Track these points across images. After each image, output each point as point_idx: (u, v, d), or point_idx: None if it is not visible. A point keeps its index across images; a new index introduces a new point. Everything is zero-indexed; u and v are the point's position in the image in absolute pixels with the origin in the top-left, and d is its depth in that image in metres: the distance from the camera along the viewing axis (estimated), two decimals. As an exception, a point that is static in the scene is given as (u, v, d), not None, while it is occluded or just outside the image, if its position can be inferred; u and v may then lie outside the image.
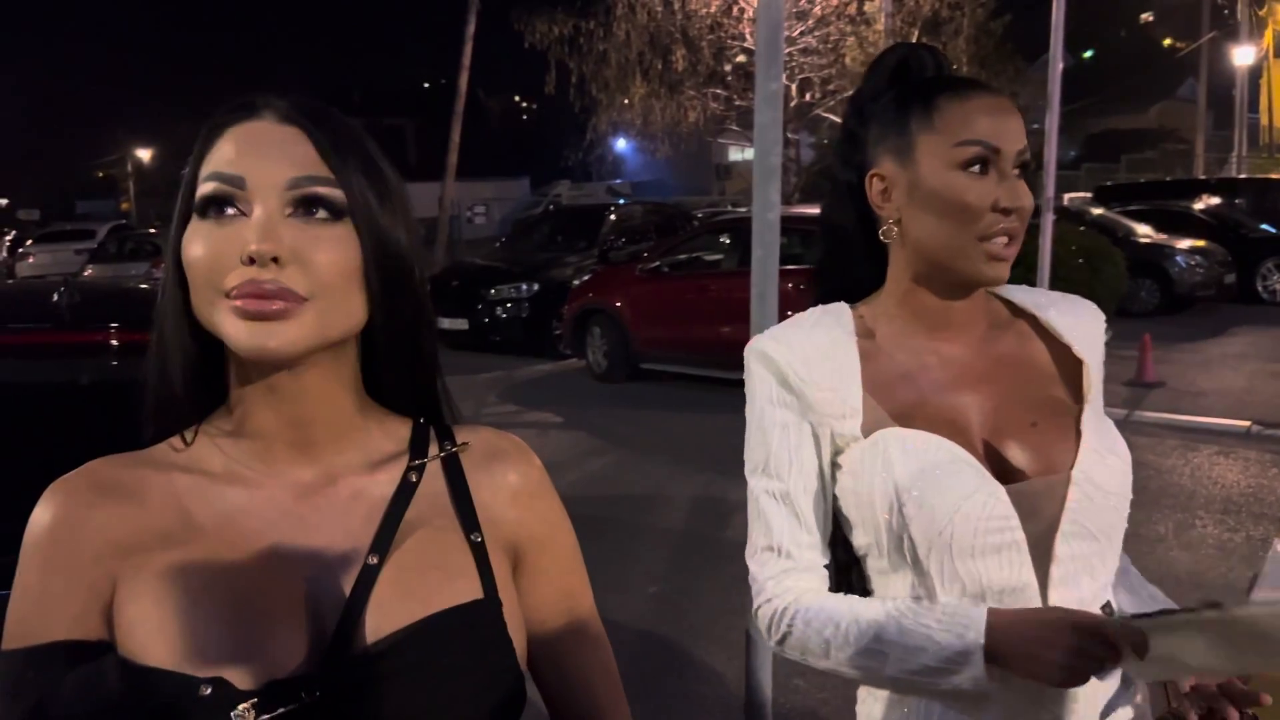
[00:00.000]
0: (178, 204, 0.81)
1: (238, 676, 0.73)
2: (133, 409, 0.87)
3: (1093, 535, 1.11)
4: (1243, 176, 20.93)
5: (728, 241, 9.37)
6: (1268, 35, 28.04)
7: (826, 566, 1.17)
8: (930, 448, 1.09)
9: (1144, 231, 13.19)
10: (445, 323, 10.76)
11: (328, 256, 0.78)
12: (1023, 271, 1.38)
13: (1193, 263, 12.44)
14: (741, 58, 16.34)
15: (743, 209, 14.84)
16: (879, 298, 1.22)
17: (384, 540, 0.81)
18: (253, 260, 0.75)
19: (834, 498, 1.17)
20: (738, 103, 16.88)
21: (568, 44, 17.58)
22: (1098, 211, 13.83)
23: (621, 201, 17.86)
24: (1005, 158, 1.11)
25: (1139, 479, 1.17)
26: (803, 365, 1.15)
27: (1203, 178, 20.83)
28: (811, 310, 1.22)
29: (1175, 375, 8.47)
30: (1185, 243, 12.75)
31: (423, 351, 0.88)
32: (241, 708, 0.72)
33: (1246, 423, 6.84)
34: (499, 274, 11.70)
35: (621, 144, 26.09)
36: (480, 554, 0.85)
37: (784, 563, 1.15)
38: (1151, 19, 44.13)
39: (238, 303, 0.75)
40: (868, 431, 1.13)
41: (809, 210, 8.09)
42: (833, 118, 16.63)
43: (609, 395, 9.05)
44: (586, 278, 10.70)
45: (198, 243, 0.77)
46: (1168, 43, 40.71)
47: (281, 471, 0.84)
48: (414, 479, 0.86)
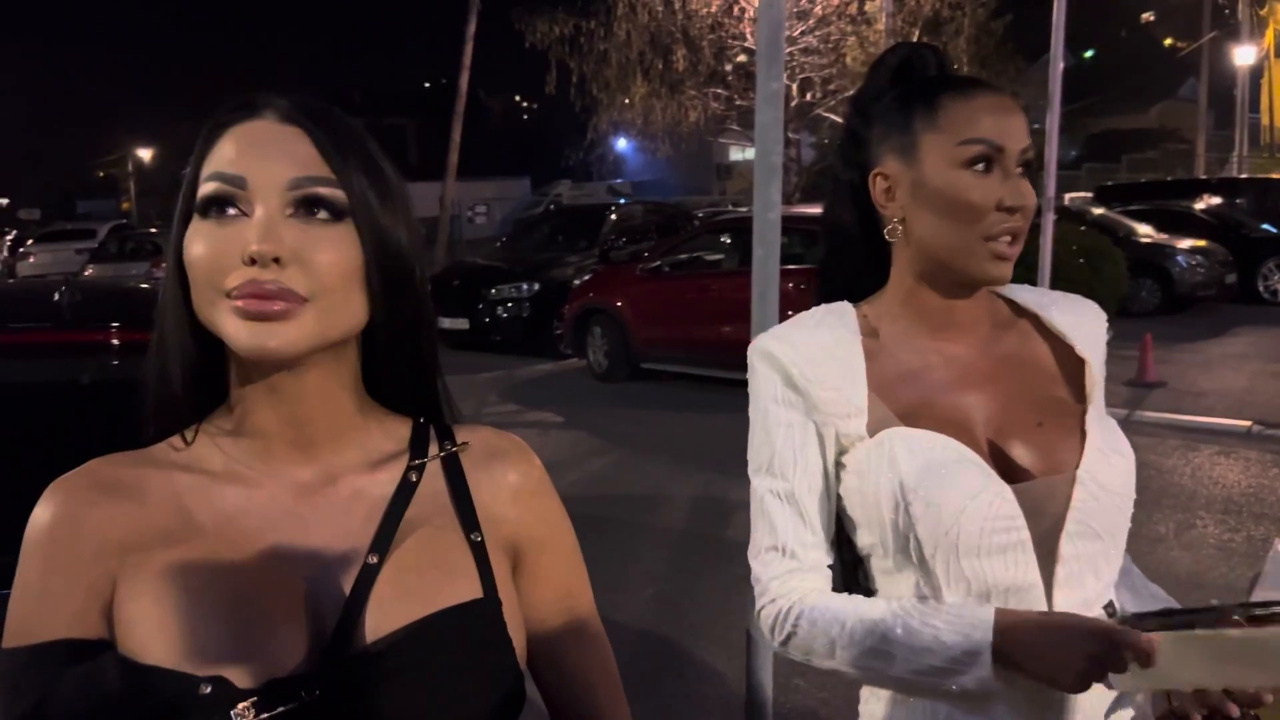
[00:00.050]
0: (178, 203, 0.81)
1: (237, 675, 0.73)
2: (133, 408, 0.87)
3: (1097, 535, 1.11)
4: (1244, 176, 20.94)
5: (728, 241, 9.37)
6: (1269, 35, 28.02)
7: (830, 567, 1.17)
8: (937, 447, 1.09)
9: (1145, 231, 13.19)
10: (446, 322, 10.77)
11: (328, 257, 0.78)
12: (1023, 271, 1.38)
13: (1194, 263, 12.43)
14: (742, 57, 16.33)
15: (743, 209, 14.84)
16: (882, 297, 1.21)
17: (384, 540, 0.81)
18: (254, 260, 0.75)
19: (838, 497, 1.16)
20: (738, 102, 16.86)
21: (568, 43, 17.57)
22: (1099, 211, 13.83)
23: (622, 201, 17.85)
24: (1009, 156, 1.11)
25: (1139, 479, 1.17)
26: (808, 364, 1.14)
27: (1204, 177, 20.82)
28: (815, 309, 1.21)
29: (1176, 375, 8.46)
30: (1186, 243, 12.74)
31: (423, 351, 0.88)
32: (241, 706, 0.72)
33: (1247, 423, 6.84)
34: (500, 274, 11.70)
35: (622, 144, 26.06)
36: (480, 553, 0.85)
37: (788, 563, 1.14)
38: (1152, 19, 44.12)
39: (239, 303, 0.75)
40: (873, 431, 1.12)
41: (810, 210, 8.09)
42: (834, 117, 16.62)
43: (609, 395, 9.05)
44: (587, 277, 10.70)
45: (199, 242, 0.78)
46: (1169, 42, 40.69)
47: (281, 471, 0.84)
48: (414, 478, 0.86)
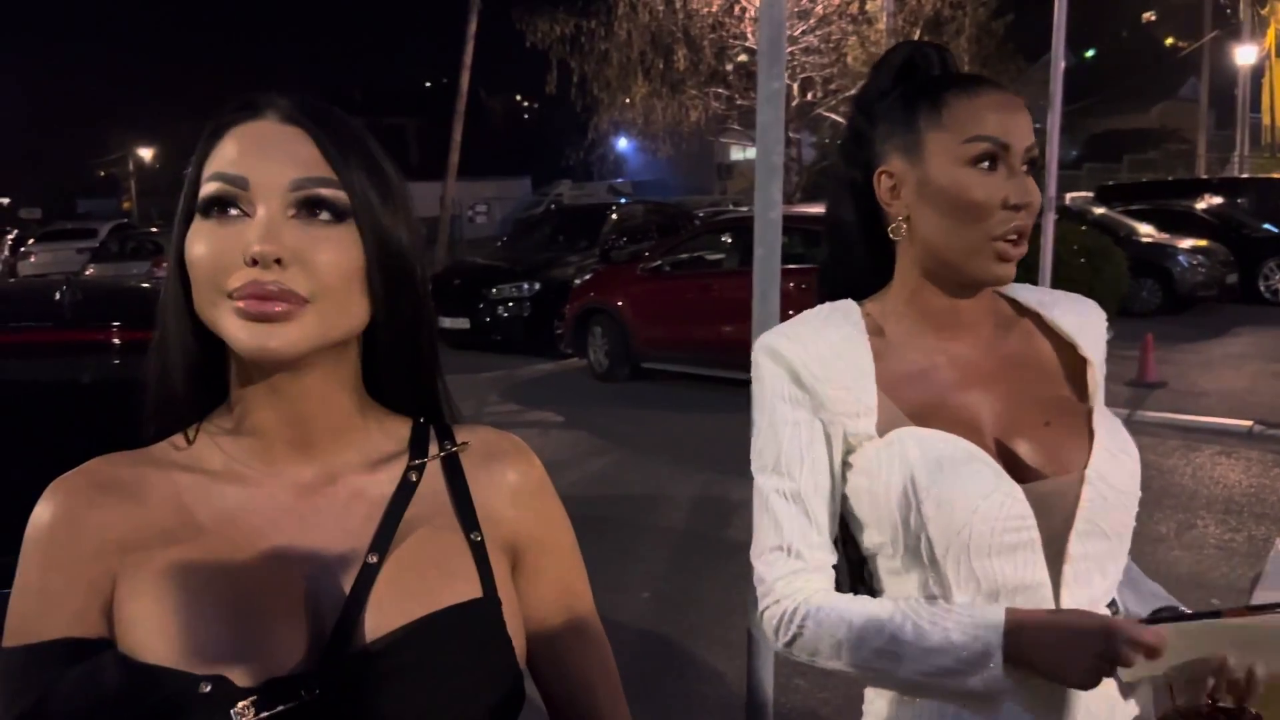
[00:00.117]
0: (180, 203, 0.81)
1: (237, 674, 0.73)
2: (134, 407, 0.87)
3: (1105, 534, 1.11)
4: (1245, 176, 20.96)
5: (729, 241, 9.38)
6: (1270, 35, 27.97)
7: (835, 566, 1.16)
8: (949, 447, 1.09)
9: (1146, 231, 13.18)
10: (447, 322, 10.77)
11: (330, 258, 0.78)
12: (1024, 271, 1.37)
13: (1195, 262, 12.42)
14: (743, 57, 16.31)
15: (744, 208, 14.84)
16: (886, 296, 1.21)
17: (384, 539, 0.81)
18: (255, 261, 0.75)
19: (843, 497, 1.16)
20: (739, 102, 16.84)
21: (569, 43, 17.56)
22: (1099, 211, 13.82)
23: (623, 201, 17.86)
24: (1014, 154, 1.11)
25: (1140, 479, 1.17)
26: (816, 363, 1.13)
27: (1205, 177, 20.80)
28: (820, 307, 1.21)
29: (1177, 375, 8.46)
30: (1187, 242, 12.73)
31: (423, 351, 0.88)
32: (241, 705, 0.72)
33: (1248, 423, 6.84)
34: (500, 273, 11.71)
35: (623, 143, 26.08)
36: (480, 553, 0.85)
37: (794, 563, 1.13)
38: (1153, 18, 44.13)
39: (240, 304, 0.75)
40: (883, 430, 1.12)
41: (811, 209, 8.09)
42: (835, 117, 16.60)
43: (610, 395, 9.05)
44: (588, 277, 10.70)
45: (200, 242, 0.78)
46: (1170, 42, 40.70)
47: (281, 470, 0.84)
48: (414, 478, 0.86)
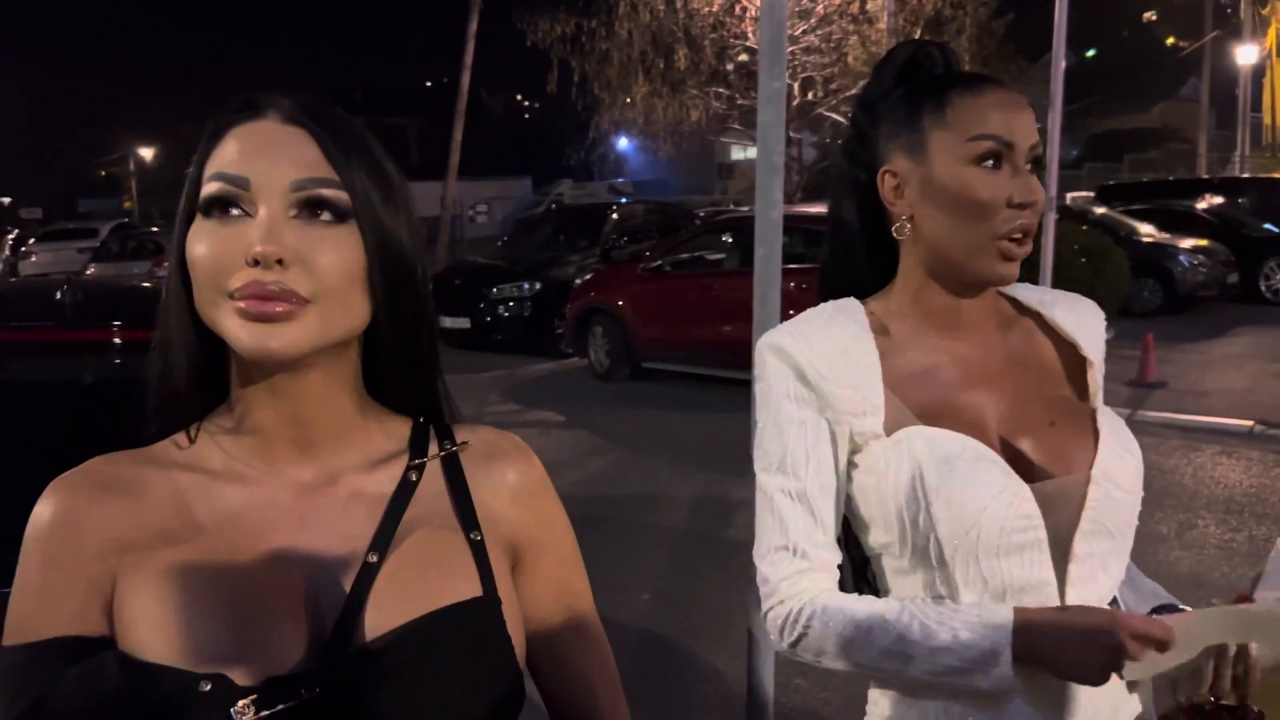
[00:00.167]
0: (181, 203, 0.81)
1: (237, 673, 0.73)
2: (135, 407, 0.87)
3: (1110, 533, 1.11)
4: (1246, 176, 20.95)
5: (730, 240, 9.38)
6: (1270, 34, 27.99)
7: (839, 566, 1.16)
8: (957, 446, 1.08)
9: (1147, 231, 13.17)
10: (447, 321, 10.77)
11: (331, 259, 0.78)
12: (1025, 271, 1.37)
13: (1195, 262, 12.42)
14: (744, 57, 16.31)
15: (745, 208, 14.84)
16: (889, 295, 1.21)
17: (384, 539, 0.82)
18: (256, 262, 0.75)
19: (848, 497, 1.15)
20: (740, 102, 16.84)
21: (570, 43, 17.56)
22: (1100, 211, 13.81)
23: (624, 200, 17.85)
24: (1018, 152, 1.11)
25: (1142, 479, 1.17)
26: (822, 361, 1.13)
27: (1205, 177, 20.79)
28: (823, 306, 1.20)
29: (1178, 375, 8.46)
30: (1188, 242, 12.72)
31: (424, 351, 0.88)
32: (241, 704, 0.72)
33: (1249, 423, 6.84)
34: (501, 273, 11.71)
35: (624, 143, 26.07)
36: (479, 552, 0.85)
37: (799, 563, 1.12)
38: (1154, 18, 44.13)
39: (241, 304, 0.75)
40: (890, 429, 1.11)
41: (811, 209, 8.09)
42: (835, 117, 16.60)
43: (611, 394, 9.05)
44: (588, 277, 10.71)
45: (201, 242, 0.78)
46: (1170, 42, 40.69)
47: (282, 470, 0.84)
48: (414, 478, 0.86)
